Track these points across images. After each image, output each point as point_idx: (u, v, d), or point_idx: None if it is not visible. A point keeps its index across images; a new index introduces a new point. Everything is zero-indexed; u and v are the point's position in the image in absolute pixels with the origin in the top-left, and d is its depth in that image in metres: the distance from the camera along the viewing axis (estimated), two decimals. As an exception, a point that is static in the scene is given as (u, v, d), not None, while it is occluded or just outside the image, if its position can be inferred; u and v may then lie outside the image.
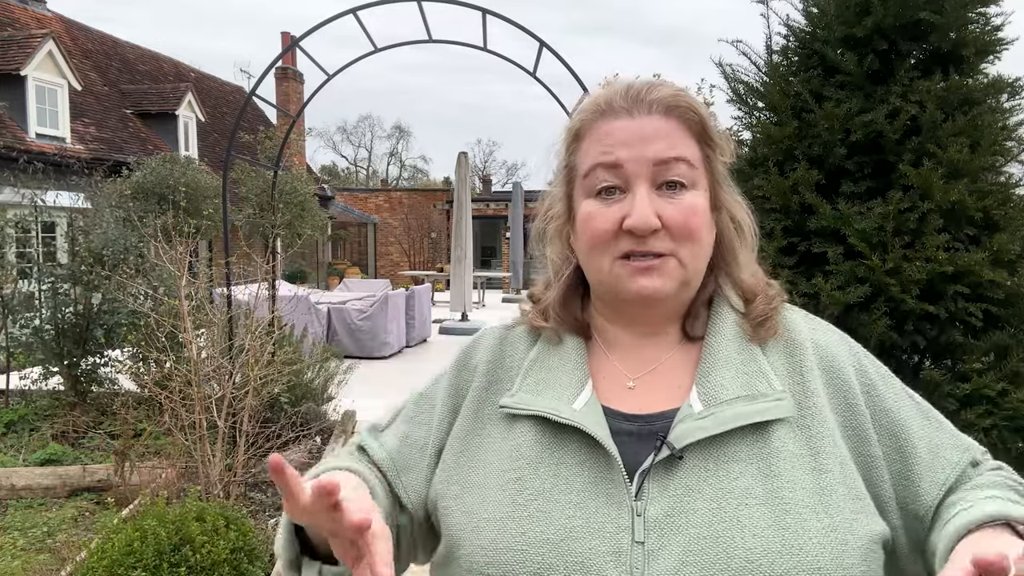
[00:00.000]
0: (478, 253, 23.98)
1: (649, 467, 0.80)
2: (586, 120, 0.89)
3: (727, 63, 2.67)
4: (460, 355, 1.00)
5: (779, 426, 0.81)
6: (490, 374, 0.94)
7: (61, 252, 7.46)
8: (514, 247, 16.83)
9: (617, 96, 0.87)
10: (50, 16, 17.06)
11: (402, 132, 49.35)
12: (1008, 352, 2.19)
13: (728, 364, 0.85)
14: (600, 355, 0.92)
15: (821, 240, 2.30)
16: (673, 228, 0.83)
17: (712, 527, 0.76)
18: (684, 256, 0.84)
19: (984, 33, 2.35)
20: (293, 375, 5.05)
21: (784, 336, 0.89)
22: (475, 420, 0.92)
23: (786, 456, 0.80)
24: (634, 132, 0.85)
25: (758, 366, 0.85)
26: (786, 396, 0.83)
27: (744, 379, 0.84)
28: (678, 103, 0.86)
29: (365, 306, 9.80)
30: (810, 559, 0.74)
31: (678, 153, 0.85)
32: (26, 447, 5.41)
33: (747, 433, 0.81)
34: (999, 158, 2.35)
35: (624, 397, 0.87)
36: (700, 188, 0.87)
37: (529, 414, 0.87)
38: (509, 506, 0.82)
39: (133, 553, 2.88)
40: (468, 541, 0.83)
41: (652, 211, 0.82)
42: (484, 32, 5.65)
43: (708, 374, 0.85)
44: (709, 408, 0.82)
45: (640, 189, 0.84)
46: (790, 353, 0.88)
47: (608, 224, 0.84)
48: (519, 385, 0.90)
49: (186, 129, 17.51)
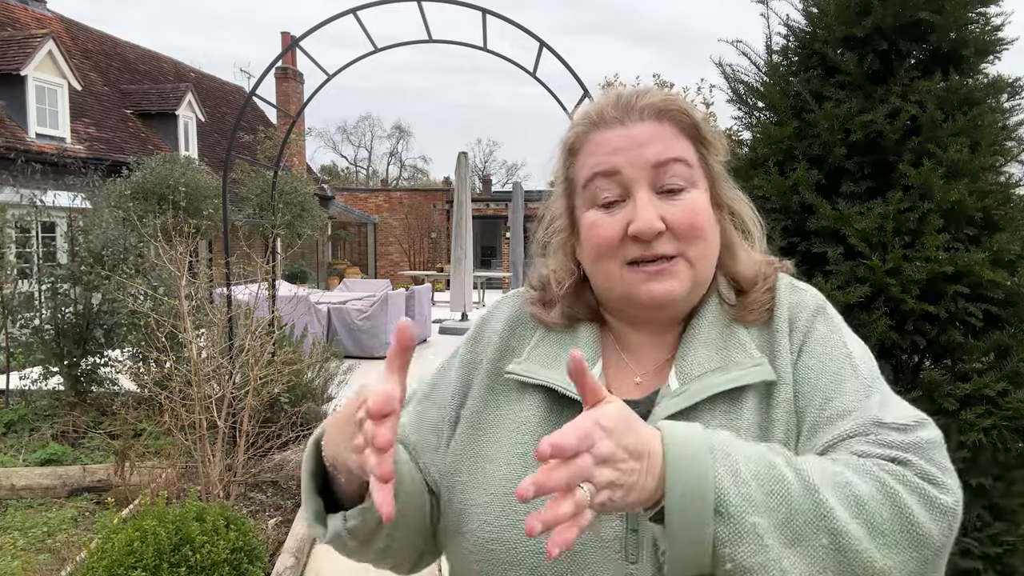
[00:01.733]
0: (478, 253, 23.98)
1: None
2: (579, 133, 0.90)
3: (727, 63, 2.67)
4: (475, 328, 1.00)
5: (751, 394, 0.82)
6: (503, 344, 0.95)
7: (61, 252, 7.47)
8: (514, 247, 16.79)
9: (608, 107, 0.88)
10: (50, 16, 17.06)
11: (402, 132, 49.37)
12: (1008, 352, 2.19)
13: (707, 344, 0.86)
14: (611, 347, 0.93)
15: (821, 240, 2.30)
16: (678, 229, 0.84)
17: None
18: (692, 256, 0.85)
19: (984, 33, 2.35)
20: (293, 375, 5.05)
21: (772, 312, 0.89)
22: (488, 391, 0.92)
23: (745, 427, 0.80)
24: (628, 139, 0.86)
25: (737, 339, 0.86)
26: (763, 362, 0.83)
27: (721, 353, 0.85)
28: (668, 107, 0.87)
29: (365, 306, 9.80)
30: None
31: (674, 154, 0.85)
32: (26, 447, 5.41)
33: (719, 402, 0.82)
34: (999, 158, 2.35)
35: (631, 390, 0.89)
36: (700, 187, 0.87)
37: (537, 383, 0.88)
38: (515, 481, 0.81)
39: (133, 553, 2.88)
40: (474, 516, 0.84)
41: (655, 214, 0.83)
42: (484, 32, 5.65)
43: (686, 354, 0.86)
44: (684, 385, 0.83)
45: (641, 194, 0.84)
46: (769, 322, 0.88)
47: (613, 231, 0.85)
48: (528, 354, 0.91)
49: (186, 129, 17.51)
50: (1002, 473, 2.15)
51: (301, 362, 5.33)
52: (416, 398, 0.99)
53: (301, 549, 3.73)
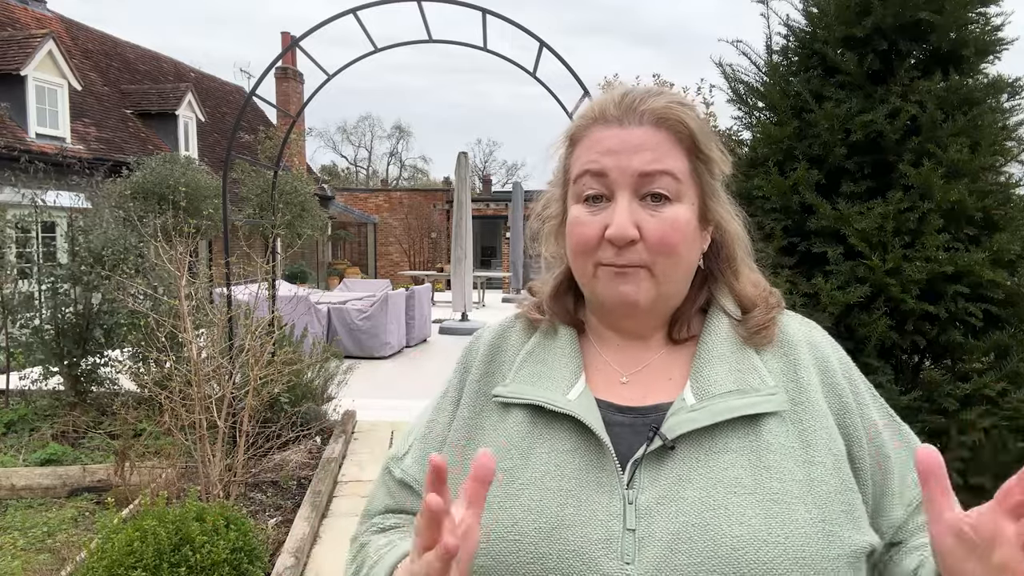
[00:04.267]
0: (478, 253, 23.98)
1: (642, 457, 0.81)
2: (581, 126, 0.91)
3: (727, 63, 2.67)
4: (460, 358, 1.02)
5: (771, 419, 0.83)
6: (486, 366, 0.96)
7: (61, 252, 7.46)
8: (514, 247, 16.82)
9: (611, 104, 0.89)
10: (50, 16, 17.06)
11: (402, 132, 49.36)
12: (1008, 352, 2.19)
13: (722, 361, 0.87)
14: (593, 350, 0.94)
15: (821, 240, 2.30)
16: (650, 240, 0.84)
17: (701, 515, 0.77)
18: (658, 269, 0.85)
19: (984, 33, 2.35)
20: (293, 375, 5.05)
21: (779, 338, 0.90)
22: (472, 412, 0.93)
23: (777, 448, 0.81)
24: (622, 141, 0.86)
25: (751, 363, 0.87)
26: (779, 391, 0.84)
27: (737, 375, 0.85)
28: (668, 115, 0.87)
29: (365, 306, 9.79)
30: (796, 549, 0.75)
31: (663, 167, 0.85)
32: (26, 447, 5.41)
33: (739, 426, 0.82)
34: (999, 158, 2.35)
35: (618, 391, 0.89)
36: (686, 201, 0.87)
37: (522, 403, 0.89)
38: (502, 497, 0.83)
39: (133, 553, 2.88)
40: None
41: (631, 222, 0.84)
42: (484, 32, 5.65)
43: (701, 369, 0.87)
44: (702, 401, 0.83)
45: (622, 199, 0.85)
46: (784, 352, 0.89)
47: (592, 232, 0.86)
48: (513, 376, 0.92)
49: (186, 129, 17.51)
50: (1002, 473, 2.15)
51: (301, 362, 5.33)
52: (417, 439, 1.01)
53: (301, 549, 3.73)
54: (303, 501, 4.37)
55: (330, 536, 4.15)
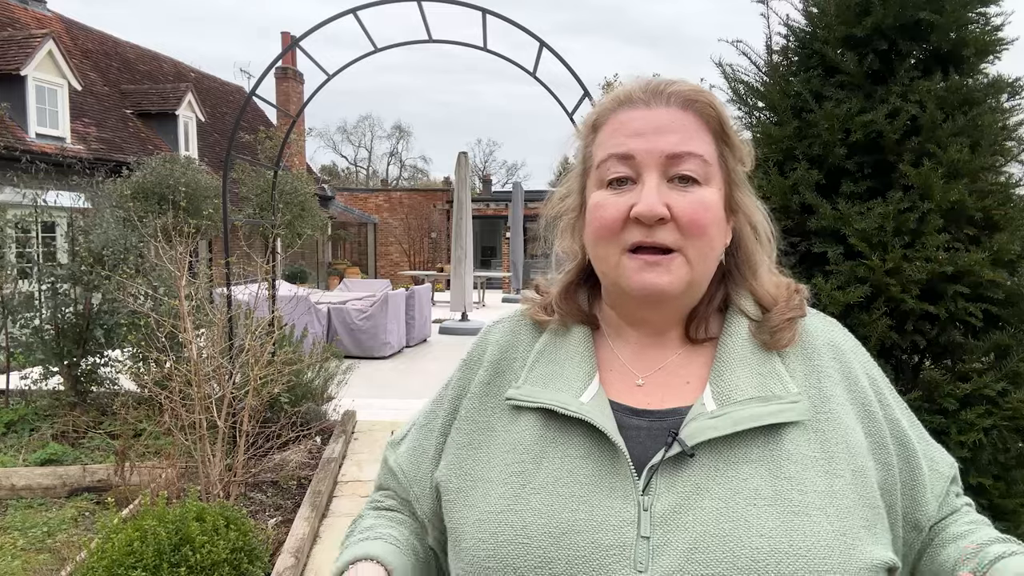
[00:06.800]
0: (478, 253, 23.97)
1: (659, 463, 0.79)
2: (604, 111, 0.89)
3: (727, 63, 2.67)
4: (468, 352, 1.00)
5: (792, 429, 0.80)
6: (495, 366, 0.94)
7: (61, 252, 7.46)
8: (514, 247, 16.81)
9: (637, 89, 0.87)
10: (50, 16, 17.06)
11: (402, 132, 49.45)
12: (1008, 352, 2.19)
13: (743, 365, 0.84)
14: (607, 350, 0.91)
15: (821, 240, 2.30)
16: (681, 220, 0.81)
17: (719, 525, 0.75)
18: (692, 254, 0.82)
19: (984, 33, 2.35)
20: (293, 375, 5.05)
21: (801, 339, 0.88)
22: (480, 413, 0.91)
23: (798, 459, 0.79)
24: (649, 122, 0.84)
25: (773, 368, 0.84)
26: (801, 399, 0.82)
27: (758, 380, 0.83)
28: (697, 98, 0.86)
29: (365, 306, 9.79)
30: (816, 562, 0.73)
31: (691, 148, 0.83)
32: (26, 447, 5.41)
33: (759, 434, 0.79)
34: (999, 158, 2.34)
35: (632, 393, 0.86)
36: (713, 185, 0.85)
37: (535, 406, 0.86)
38: (511, 499, 0.81)
39: (133, 553, 2.88)
40: (470, 534, 0.83)
41: (660, 200, 0.81)
42: (484, 32, 5.65)
43: (722, 374, 0.84)
44: (723, 408, 0.80)
45: (650, 179, 0.82)
46: (807, 357, 0.87)
47: (616, 212, 0.83)
48: (525, 377, 0.89)
49: (186, 129, 17.51)
50: (1002, 473, 2.15)
51: (301, 362, 5.33)
52: (415, 427, 1.00)
53: (301, 549, 3.73)
54: (303, 501, 4.37)
55: (330, 536, 4.14)
